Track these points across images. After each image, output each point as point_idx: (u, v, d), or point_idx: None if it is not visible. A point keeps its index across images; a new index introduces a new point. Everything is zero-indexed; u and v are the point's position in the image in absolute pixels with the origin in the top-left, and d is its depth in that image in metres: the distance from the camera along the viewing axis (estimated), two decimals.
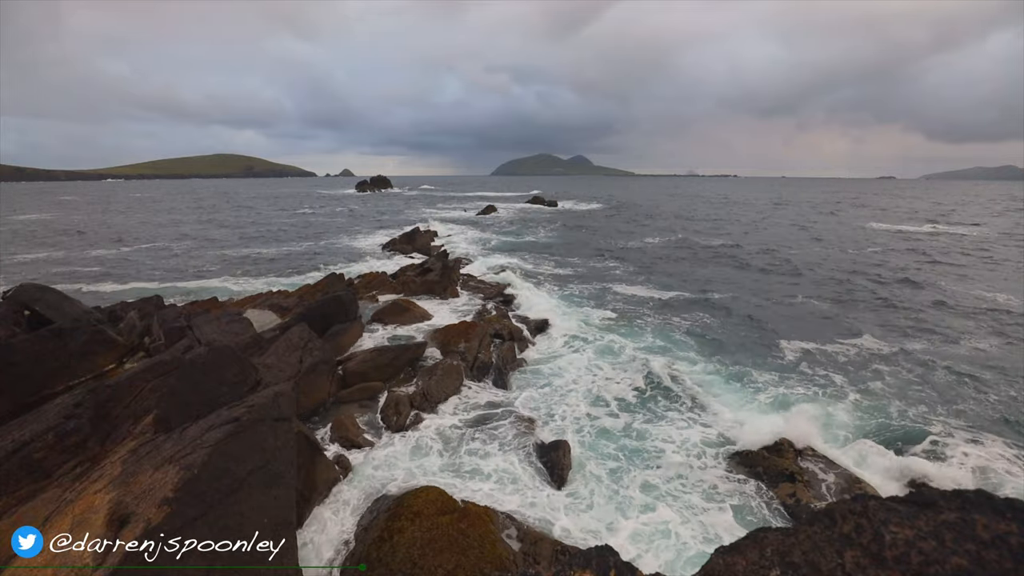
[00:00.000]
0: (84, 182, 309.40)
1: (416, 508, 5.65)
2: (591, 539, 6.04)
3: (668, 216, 56.02)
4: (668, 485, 7.27)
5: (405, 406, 8.95)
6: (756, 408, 9.51)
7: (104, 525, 4.06)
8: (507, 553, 5.28)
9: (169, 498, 4.06)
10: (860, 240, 35.58)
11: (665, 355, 12.32)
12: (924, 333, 14.47)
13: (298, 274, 23.54)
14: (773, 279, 22.24)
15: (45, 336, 8.51)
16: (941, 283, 21.29)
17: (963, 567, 1.88)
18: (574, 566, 2.68)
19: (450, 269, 18.82)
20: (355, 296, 14.26)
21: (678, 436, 8.60)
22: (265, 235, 39.86)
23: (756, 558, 2.38)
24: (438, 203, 79.02)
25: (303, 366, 9.07)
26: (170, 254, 30.45)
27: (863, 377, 11.24)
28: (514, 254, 28.32)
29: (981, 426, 9.09)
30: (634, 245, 33.11)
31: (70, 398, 6.34)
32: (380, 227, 44.28)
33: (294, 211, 65.32)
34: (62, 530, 4.11)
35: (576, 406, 9.59)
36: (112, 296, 19.38)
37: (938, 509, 2.14)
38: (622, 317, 15.69)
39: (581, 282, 21.11)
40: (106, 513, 4.19)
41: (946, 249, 31.20)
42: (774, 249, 30.93)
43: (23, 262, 27.53)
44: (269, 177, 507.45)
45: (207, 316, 11.82)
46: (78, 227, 45.51)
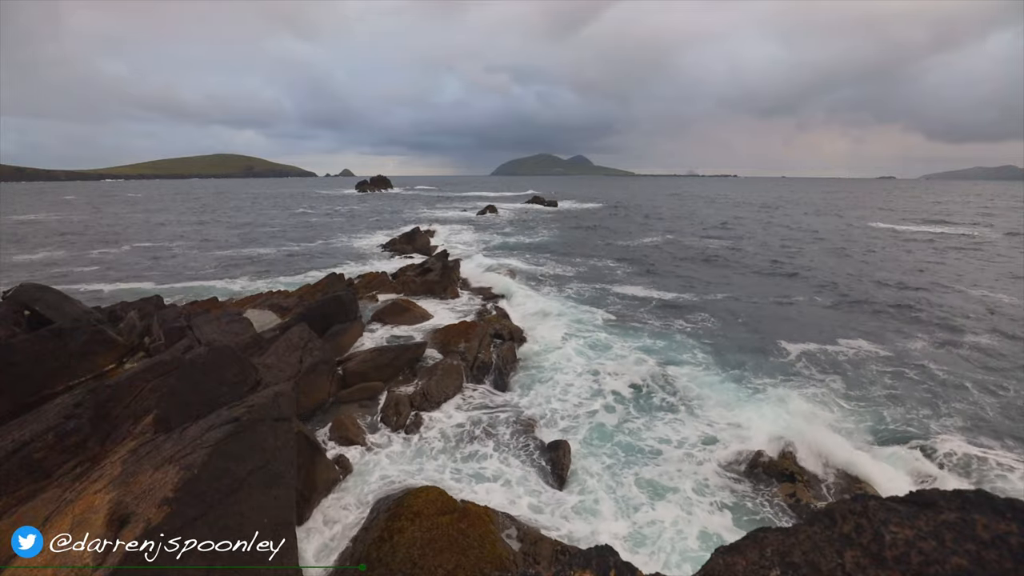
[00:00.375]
0: (83, 182, 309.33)
1: (416, 508, 5.64)
2: (591, 539, 6.04)
3: (668, 216, 56.03)
4: (668, 485, 7.27)
5: (405, 406, 8.95)
6: (755, 408, 9.50)
7: (104, 525, 4.06)
8: (507, 553, 5.28)
9: (169, 498, 4.06)
10: (860, 240, 35.59)
11: (664, 355, 12.33)
12: (924, 333, 14.47)
13: (298, 274, 23.53)
14: (772, 280, 22.24)
15: (45, 336, 8.51)
16: (941, 283, 21.29)
17: (963, 567, 1.88)
18: (574, 566, 2.68)
19: (450, 269, 18.82)
20: (355, 296, 14.26)
21: (677, 436, 8.61)
22: (265, 235, 39.86)
23: (756, 558, 2.38)
24: (438, 203, 79.03)
25: (303, 366, 9.07)
26: (170, 254, 30.45)
27: (863, 377, 11.24)
28: (514, 254, 28.32)
29: (981, 426, 9.10)
30: (634, 245, 33.12)
31: (70, 398, 6.34)
32: (380, 227, 44.28)
33: (294, 211, 65.33)
34: (62, 530, 4.11)
35: (576, 406, 9.60)
36: (112, 296, 19.38)
37: (938, 509, 2.14)
38: (622, 317, 15.70)
39: (581, 282, 21.11)
40: (106, 513, 4.19)
41: (946, 249, 31.20)
42: (774, 250, 30.95)
43: (23, 262, 27.52)
44: (269, 177, 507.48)
45: (207, 316, 11.82)
46: (77, 227, 45.52)
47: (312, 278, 20.41)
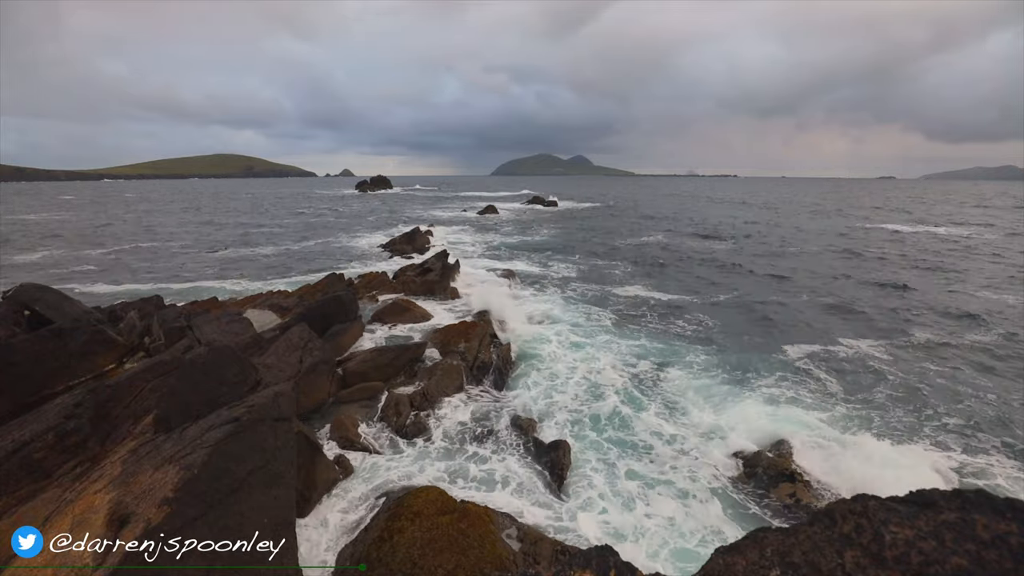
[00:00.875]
0: (83, 182, 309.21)
1: (416, 508, 5.64)
2: (591, 538, 6.04)
3: (668, 216, 56.03)
4: (668, 484, 7.27)
5: (405, 406, 8.95)
6: (755, 408, 9.49)
7: (104, 525, 4.06)
8: (507, 553, 5.28)
9: (169, 498, 4.06)
10: (860, 240, 35.60)
11: (664, 355, 12.34)
12: (924, 334, 14.47)
13: (298, 274, 23.53)
14: (772, 280, 22.24)
15: (45, 336, 8.50)
16: (941, 284, 21.30)
17: (963, 567, 1.89)
18: (574, 566, 2.68)
19: (450, 269, 18.83)
20: (355, 296, 14.26)
21: (677, 436, 8.60)
22: (265, 235, 39.85)
23: (756, 558, 2.39)
24: (438, 203, 79.03)
25: (303, 366, 9.07)
26: (170, 254, 30.45)
27: (862, 377, 11.25)
28: (514, 254, 28.34)
29: (981, 427, 9.10)
30: (634, 245, 33.12)
31: (70, 398, 6.34)
32: (380, 227, 44.28)
33: (294, 211, 65.32)
34: (62, 530, 4.11)
35: (576, 406, 9.60)
36: (111, 296, 19.37)
37: (938, 509, 2.15)
38: (621, 317, 15.70)
39: (581, 282, 21.12)
40: (106, 513, 4.19)
41: (946, 250, 31.21)
42: (774, 250, 30.96)
43: (22, 262, 27.52)
44: (269, 177, 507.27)
45: (207, 316, 11.82)
46: (77, 227, 45.51)
47: (312, 278, 20.41)
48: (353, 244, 34.16)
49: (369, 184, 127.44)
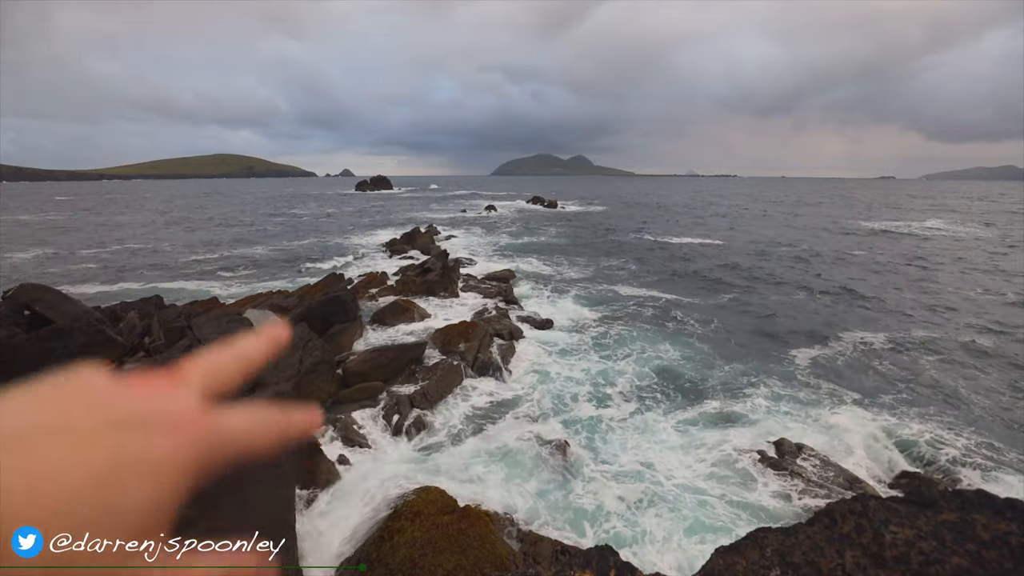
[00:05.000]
0: (82, 182, 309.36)
1: (416, 508, 5.65)
2: (591, 538, 6.04)
3: (669, 216, 56.02)
4: (668, 484, 7.26)
5: (405, 406, 8.95)
6: (755, 407, 9.50)
7: None
8: (507, 553, 5.28)
9: None
10: (860, 240, 35.60)
11: (666, 354, 12.32)
12: (924, 333, 14.46)
13: (298, 274, 23.53)
14: (774, 279, 22.22)
15: (45, 336, 8.51)
16: (941, 284, 21.30)
17: (963, 567, 1.88)
18: (574, 566, 2.68)
19: (450, 269, 18.81)
20: (355, 296, 14.25)
21: (678, 435, 8.60)
22: (265, 235, 39.83)
23: (756, 558, 2.39)
24: (438, 203, 78.99)
25: (303, 366, 9.07)
26: (170, 254, 30.43)
27: (863, 378, 11.24)
28: (514, 253, 28.31)
29: (981, 427, 9.09)
30: (634, 245, 33.11)
31: None
32: (380, 227, 44.23)
33: (294, 211, 65.30)
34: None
35: (577, 406, 9.59)
36: (111, 296, 19.37)
37: (938, 509, 2.14)
38: (622, 316, 15.69)
39: (581, 281, 21.10)
40: None
41: (946, 249, 31.21)
42: (777, 249, 30.94)
43: (21, 262, 27.52)
44: (269, 177, 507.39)
45: (207, 316, 11.81)
46: (76, 227, 45.51)
47: (312, 278, 20.41)
48: (353, 244, 34.14)
49: (369, 184, 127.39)
